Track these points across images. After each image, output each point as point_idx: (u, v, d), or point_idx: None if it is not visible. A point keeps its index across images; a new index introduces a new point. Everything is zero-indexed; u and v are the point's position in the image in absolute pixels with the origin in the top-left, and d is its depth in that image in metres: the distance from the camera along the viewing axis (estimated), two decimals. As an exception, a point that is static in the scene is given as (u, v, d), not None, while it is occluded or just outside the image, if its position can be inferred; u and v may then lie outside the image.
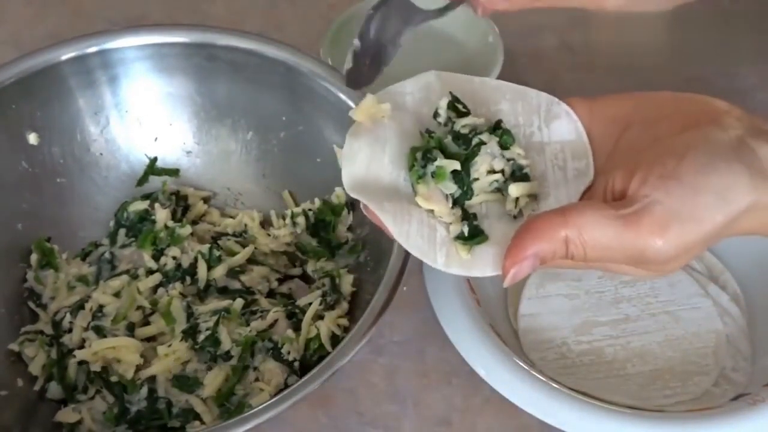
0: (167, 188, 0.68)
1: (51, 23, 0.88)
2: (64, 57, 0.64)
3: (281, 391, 0.55)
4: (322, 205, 0.65)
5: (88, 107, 0.67)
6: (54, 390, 0.59)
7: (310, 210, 0.65)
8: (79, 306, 0.61)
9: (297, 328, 0.59)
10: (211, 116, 0.69)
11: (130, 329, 0.60)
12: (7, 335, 0.61)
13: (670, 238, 0.38)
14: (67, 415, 0.57)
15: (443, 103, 0.46)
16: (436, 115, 0.46)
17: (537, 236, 0.39)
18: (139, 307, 0.61)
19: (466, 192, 0.43)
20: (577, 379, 0.59)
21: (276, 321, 0.59)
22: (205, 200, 0.70)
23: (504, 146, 0.44)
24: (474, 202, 0.44)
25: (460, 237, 0.42)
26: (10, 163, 0.64)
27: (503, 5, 0.52)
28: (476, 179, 0.43)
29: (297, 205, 0.67)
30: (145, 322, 0.61)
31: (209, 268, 0.63)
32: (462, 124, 0.45)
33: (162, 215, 0.65)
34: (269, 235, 0.66)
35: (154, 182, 0.69)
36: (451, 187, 0.43)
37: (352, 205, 0.65)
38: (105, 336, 0.59)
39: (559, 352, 0.61)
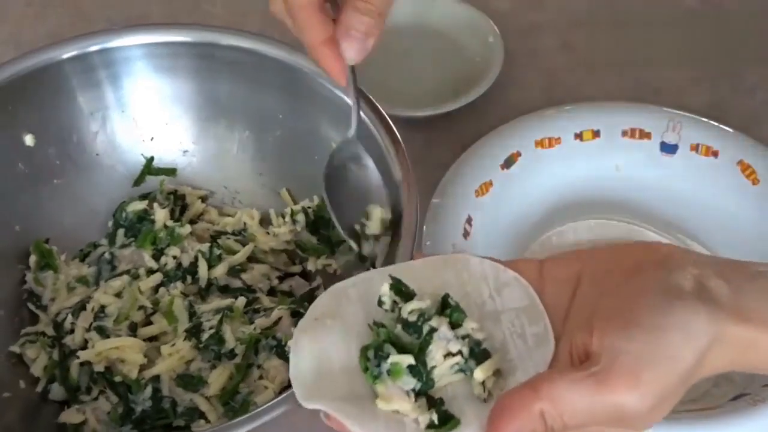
0: (165, 187, 0.68)
1: (51, 23, 0.88)
2: (63, 57, 0.64)
3: (285, 388, 0.55)
4: (321, 202, 0.65)
5: (83, 108, 0.66)
6: (56, 391, 0.59)
7: (309, 207, 0.65)
8: (81, 307, 0.61)
9: (301, 326, 0.59)
10: (207, 115, 0.69)
11: (133, 329, 0.60)
12: (8, 337, 0.61)
13: (645, 387, 0.36)
14: (71, 416, 0.57)
15: (385, 288, 0.44)
16: (380, 302, 0.44)
17: (511, 416, 0.37)
18: (140, 307, 0.61)
19: (427, 382, 0.41)
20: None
21: (280, 318, 0.59)
22: (203, 199, 0.70)
23: (456, 324, 0.42)
24: (439, 386, 0.42)
25: (431, 426, 0.40)
26: (6, 165, 0.64)
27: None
28: (434, 367, 0.41)
29: (295, 202, 0.67)
30: (147, 322, 0.61)
31: (210, 266, 0.63)
32: (408, 310, 0.43)
33: (161, 215, 0.65)
34: (268, 233, 0.66)
35: (151, 182, 0.69)
36: (410, 382, 0.41)
37: None
38: (108, 336, 0.59)
39: (559, 352, 0.61)
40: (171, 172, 0.70)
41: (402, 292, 0.44)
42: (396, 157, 0.57)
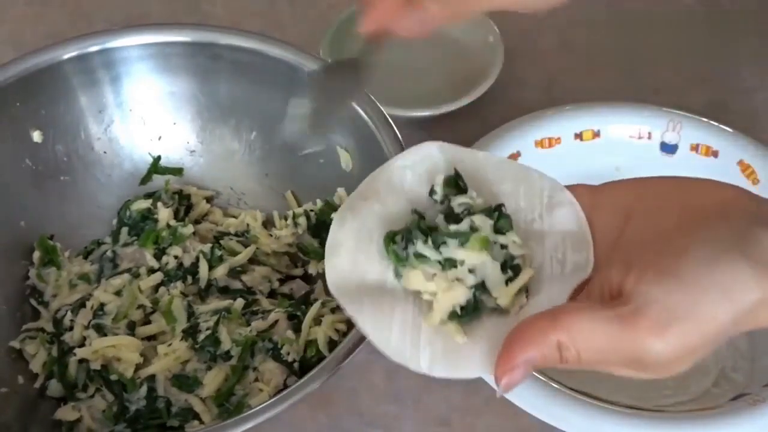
0: (170, 187, 0.68)
1: (51, 23, 0.88)
2: (66, 56, 0.64)
3: (280, 391, 0.55)
4: (323, 205, 0.65)
5: (91, 106, 0.67)
6: (54, 388, 0.59)
7: (311, 211, 0.65)
8: (81, 304, 0.61)
9: (297, 329, 0.59)
10: (214, 116, 0.69)
11: (131, 328, 0.60)
12: (9, 332, 0.61)
13: (670, 339, 0.35)
14: (66, 413, 0.57)
15: (440, 179, 0.43)
16: (432, 192, 0.43)
17: (527, 343, 0.37)
18: (140, 306, 0.61)
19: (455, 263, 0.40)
20: (577, 379, 0.59)
21: (276, 321, 0.59)
22: (208, 199, 0.70)
23: (499, 231, 0.41)
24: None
25: (453, 316, 0.39)
26: (13, 161, 0.64)
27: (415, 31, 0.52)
28: (463, 261, 0.40)
29: (300, 205, 0.67)
30: (146, 321, 0.61)
31: (211, 267, 0.63)
32: (458, 202, 0.42)
33: (164, 214, 0.65)
34: (271, 235, 0.66)
35: (158, 181, 0.69)
36: (436, 266, 0.40)
37: None
38: (105, 334, 0.59)
39: (559, 352, 0.61)
40: (177, 171, 0.70)
41: (459, 186, 0.43)
42: (397, 158, 0.57)
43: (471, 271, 0.40)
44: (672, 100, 0.73)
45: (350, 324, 0.59)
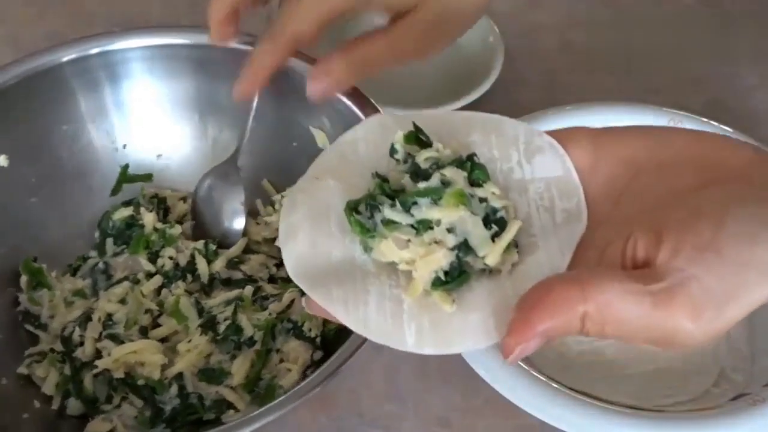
0: (146, 192, 0.68)
1: (50, 23, 0.88)
2: (37, 70, 0.63)
3: (309, 368, 0.55)
4: None
5: (55, 124, 0.65)
6: (73, 406, 0.58)
7: (296, 192, 0.65)
8: (86, 318, 0.60)
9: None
10: (176, 116, 0.69)
11: (143, 333, 0.59)
12: (9, 360, 0.59)
13: (705, 321, 0.33)
14: (97, 426, 0.56)
15: (399, 135, 0.38)
16: (393, 152, 0.38)
17: (549, 311, 0.33)
18: (147, 311, 0.60)
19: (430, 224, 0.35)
20: (576, 379, 0.59)
21: (293, 301, 0.59)
22: (184, 200, 0.69)
23: (476, 183, 0.36)
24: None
25: (437, 284, 0.35)
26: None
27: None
28: (439, 220, 0.35)
29: (278, 191, 0.68)
30: (156, 324, 0.61)
31: (209, 262, 0.63)
32: (424, 158, 0.37)
33: (149, 218, 0.65)
34: (258, 223, 0.66)
35: (128, 190, 0.69)
36: (409, 231, 0.36)
37: None
38: (122, 342, 0.58)
39: (559, 351, 0.61)
40: (146, 177, 0.69)
41: (421, 141, 0.38)
42: (396, 158, 0.57)
43: (450, 230, 0.35)
44: (672, 100, 0.73)
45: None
